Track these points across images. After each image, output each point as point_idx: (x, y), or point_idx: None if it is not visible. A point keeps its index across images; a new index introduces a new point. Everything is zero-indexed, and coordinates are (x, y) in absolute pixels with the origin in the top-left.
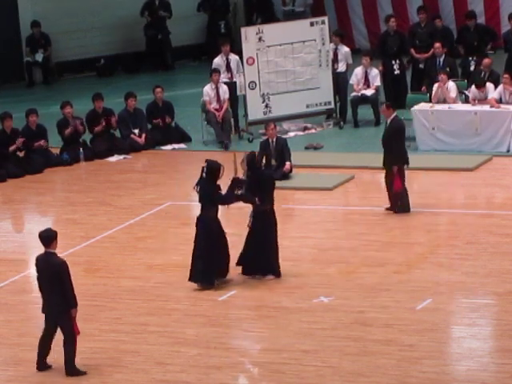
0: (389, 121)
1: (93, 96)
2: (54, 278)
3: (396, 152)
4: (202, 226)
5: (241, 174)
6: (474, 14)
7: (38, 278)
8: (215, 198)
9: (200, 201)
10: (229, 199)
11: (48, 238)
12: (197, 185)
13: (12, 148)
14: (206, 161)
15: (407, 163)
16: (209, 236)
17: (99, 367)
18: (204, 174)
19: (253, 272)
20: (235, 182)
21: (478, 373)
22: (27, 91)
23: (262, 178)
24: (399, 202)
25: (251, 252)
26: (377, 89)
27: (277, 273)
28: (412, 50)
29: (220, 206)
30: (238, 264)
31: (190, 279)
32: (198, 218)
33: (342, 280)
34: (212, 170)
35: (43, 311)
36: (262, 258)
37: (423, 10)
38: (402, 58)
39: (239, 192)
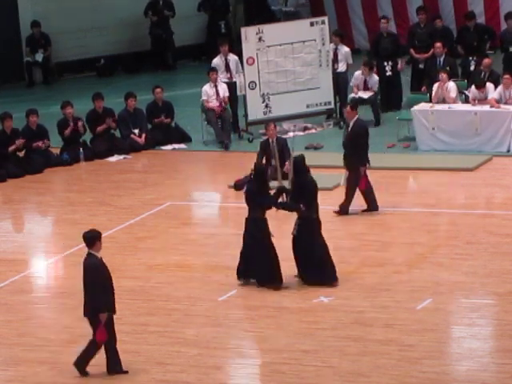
0: (352, 123)
1: (93, 96)
2: (86, 279)
3: (362, 153)
4: (250, 227)
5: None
6: (473, 15)
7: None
8: (257, 199)
9: (246, 202)
10: (270, 204)
11: (90, 238)
12: (246, 186)
13: (12, 148)
14: (254, 164)
15: (369, 163)
16: (256, 237)
17: (99, 367)
18: (252, 176)
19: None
20: (280, 191)
21: (478, 373)
22: (27, 91)
23: (306, 184)
24: (368, 201)
25: (301, 259)
26: (375, 92)
27: (330, 279)
28: (412, 50)
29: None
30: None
31: (238, 278)
32: (246, 219)
33: (342, 280)
34: (259, 172)
35: (84, 315)
36: (311, 265)
37: (423, 10)
38: (396, 59)
39: (283, 200)
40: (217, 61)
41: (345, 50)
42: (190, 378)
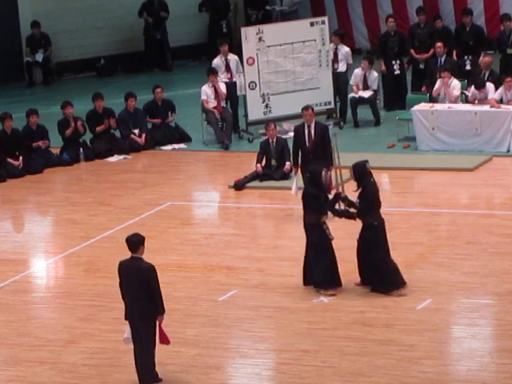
0: (312, 125)
1: (93, 95)
2: (142, 283)
3: (328, 153)
4: (307, 232)
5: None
6: (470, 11)
7: (122, 285)
8: (313, 204)
9: (303, 206)
10: (324, 209)
11: (136, 242)
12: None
13: (13, 162)
14: (309, 167)
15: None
16: (313, 242)
17: (99, 367)
18: (308, 179)
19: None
20: (337, 197)
21: (478, 373)
22: (27, 91)
23: (364, 191)
24: None
25: (362, 264)
26: (375, 91)
27: (385, 287)
28: (412, 51)
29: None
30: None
31: (304, 284)
32: (304, 225)
33: (342, 280)
34: (314, 175)
35: (126, 318)
36: (369, 272)
37: (422, 11)
38: (403, 58)
39: (340, 207)
40: (217, 61)
41: (345, 49)
42: (190, 378)
